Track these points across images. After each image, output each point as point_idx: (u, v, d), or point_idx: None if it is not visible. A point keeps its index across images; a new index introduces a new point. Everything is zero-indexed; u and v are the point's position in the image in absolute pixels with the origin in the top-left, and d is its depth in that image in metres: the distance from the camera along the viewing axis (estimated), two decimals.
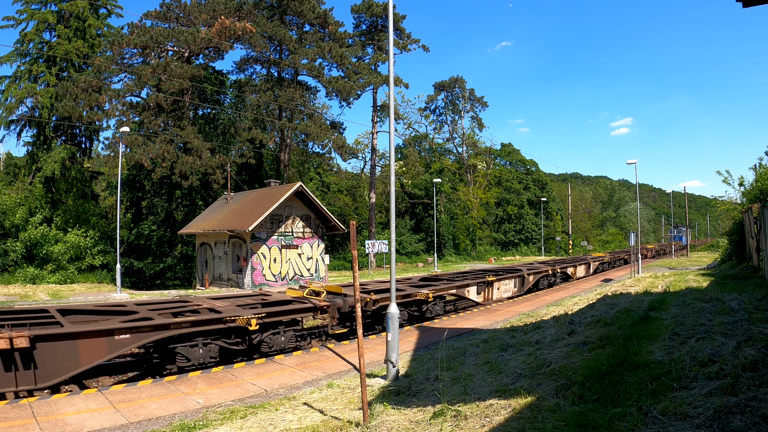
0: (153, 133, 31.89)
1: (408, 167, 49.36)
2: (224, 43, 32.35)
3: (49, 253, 28.33)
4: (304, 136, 44.59)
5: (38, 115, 32.14)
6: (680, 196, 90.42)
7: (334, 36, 38.98)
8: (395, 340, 7.71)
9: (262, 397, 7.23)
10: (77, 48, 32.89)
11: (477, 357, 8.56)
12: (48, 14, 32.95)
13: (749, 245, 18.94)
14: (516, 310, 15.35)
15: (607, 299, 12.58)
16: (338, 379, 8.14)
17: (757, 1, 3.71)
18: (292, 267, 25.24)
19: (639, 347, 6.96)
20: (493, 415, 5.36)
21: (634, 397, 5.17)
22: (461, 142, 65.25)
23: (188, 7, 33.59)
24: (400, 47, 43.80)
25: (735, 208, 24.09)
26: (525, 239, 68.01)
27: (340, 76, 39.33)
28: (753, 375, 5.02)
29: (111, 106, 30.98)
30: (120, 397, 7.08)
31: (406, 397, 6.64)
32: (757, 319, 7.39)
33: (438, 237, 49.29)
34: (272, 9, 37.81)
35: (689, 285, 14.61)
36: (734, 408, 4.36)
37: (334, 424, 5.74)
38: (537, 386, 6.15)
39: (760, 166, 20.79)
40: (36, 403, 6.74)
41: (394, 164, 8.34)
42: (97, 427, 5.98)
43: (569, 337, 8.54)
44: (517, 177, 70.06)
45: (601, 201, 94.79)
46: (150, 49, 31.69)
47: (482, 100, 65.19)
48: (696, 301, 10.13)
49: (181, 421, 6.17)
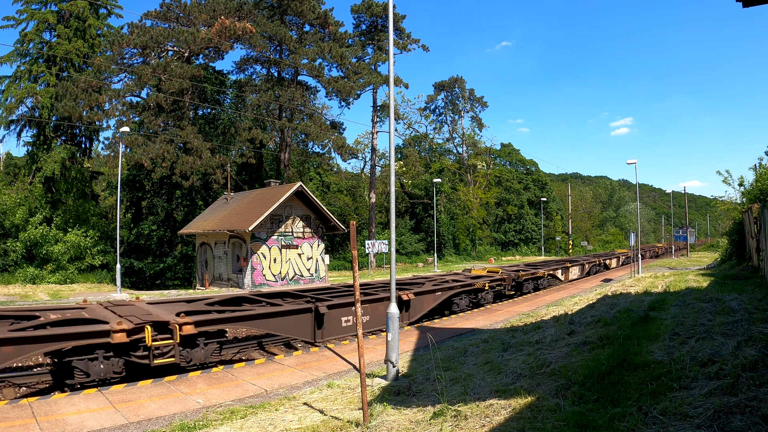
0: (153, 133, 31.90)
1: (408, 167, 49.37)
2: (224, 43, 32.35)
3: (49, 253, 28.33)
4: (304, 136, 44.61)
5: (38, 115, 32.14)
6: (680, 196, 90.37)
7: (334, 36, 39.00)
8: (395, 340, 7.71)
9: (262, 397, 7.23)
10: (77, 48, 32.89)
11: (477, 357, 8.56)
12: (48, 14, 32.95)
13: (749, 245, 18.95)
14: (516, 310, 15.35)
15: (607, 299, 12.58)
16: (338, 379, 8.14)
17: (757, 1, 3.72)
18: (292, 267, 25.25)
19: (639, 347, 6.96)
20: (493, 415, 5.36)
21: (634, 397, 5.17)
22: (461, 142, 65.28)
23: (188, 7, 33.59)
24: (400, 47, 43.81)
25: (735, 208, 24.10)
26: (525, 239, 68.02)
27: (340, 76, 39.34)
28: (753, 375, 5.02)
29: (111, 106, 30.99)
30: (120, 397, 7.08)
31: (406, 397, 6.64)
32: (757, 319, 7.39)
33: (438, 237, 49.30)
34: (272, 9, 37.82)
35: (689, 285, 14.62)
36: (734, 408, 4.36)
37: (334, 424, 5.74)
38: (537, 386, 6.15)
39: (760, 166, 20.81)
40: (36, 402, 6.74)
41: (394, 164, 8.34)
42: (97, 427, 5.98)
43: (569, 337, 8.54)
44: (517, 177, 70.07)
45: (601, 201, 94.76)
46: (150, 49, 31.70)
47: (482, 100, 65.24)
48: (696, 301, 10.13)
49: (181, 421, 6.17)
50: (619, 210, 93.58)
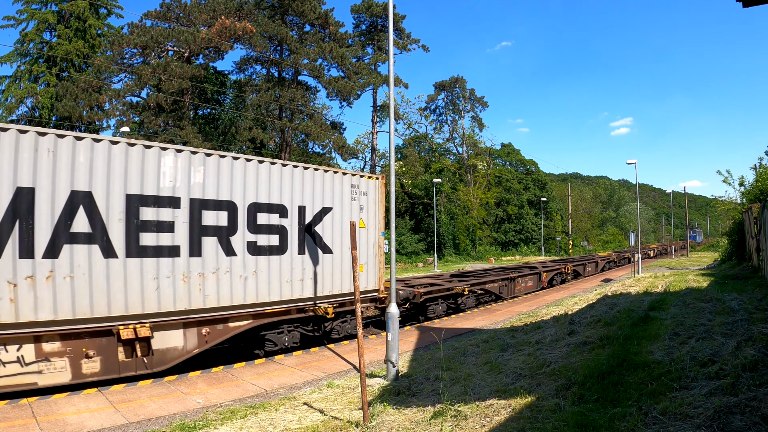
0: (153, 133, 31.89)
1: (408, 167, 49.35)
2: (224, 43, 32.36)
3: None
4: (304, 136, 44.57)
5: (38, 115, 32.15)
6: (680, 196, 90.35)
7: (335, 36, 38.99)
8: (395, 340, 7.71)
9: (262, 397, 7.23)
10: (77, 48, 32.91)
11: (477, 357, 8.56)
12: (48, 14, 32.98)
13: (749, 245, 18.94)
14: (516, 310, 15.35)
15: (607, 299, 12.58)
16: (338, 379, 8.14)
17: (757, 1, 3.71)
18: None
19: (639, 347, 6.97)
20: (493, 415, 5.36)
21: (634, 397, 5.17)
22: (461, 142, 65.25)
23: (188, 7, 33.60)
24: (400, 47, 43.82)
25: (735, 208, 24.10)
26: (525, 239, 67.99)
27: (341, 76, 39.34)
28: (753, 375, 5.02)
29: (111, 106, 31.01)
30: (120, 397, 7.08)
31: (406, 397, 6.64)
32: (757, 319, 7.39)
33: (438, 237, 49.28)
34: (273, 9, 37.82)
35: (689, 285, 14.62)
36: (734, 408, 4.36)
37: (334, 424, 5.74)
38: (537, 386, 6.15)
39: (760, 166, 20.81)
40: (36, 402, 6.74)
41: (394, 164, 8.35)
42: (97, 427, 5.98)
43: (569, 337, 8.54)
44: (516, 177, 70.05)
45: (601, 201, 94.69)
46: (150, 49, 31.70)
47: (482, 100, 65.21)
48: (696, 301, 10.13)
49: (181, 421, 6.17)
50: (619, 210, 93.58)
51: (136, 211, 7.66)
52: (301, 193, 10.04)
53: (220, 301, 8.60)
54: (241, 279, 8.92)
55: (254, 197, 9.22)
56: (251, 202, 9.16)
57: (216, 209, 8.63)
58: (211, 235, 8.54)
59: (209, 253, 8.49)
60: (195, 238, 8.31)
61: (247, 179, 9.11)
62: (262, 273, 9.25)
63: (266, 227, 9.38)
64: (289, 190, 9.81)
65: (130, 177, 7.62)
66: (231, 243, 8.80)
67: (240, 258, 8.93)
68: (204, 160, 8.53)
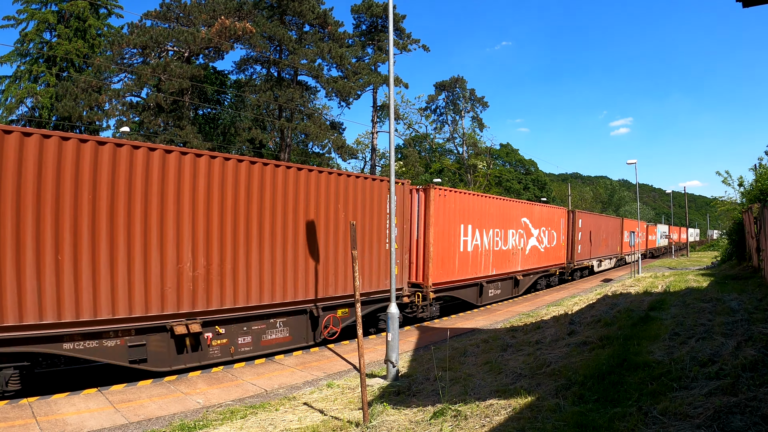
0: (153, 133, 31.88)
1: (408, 167, 49.32)
2: (224, 43, 32.34)
3: None
4: (303, 136, 44.56)
5: (38, 115, 32.14)
6: (680, 196, 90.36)
7: (334, 36, 38.97)
8: (395, 340, 7.71)
9: (262, 397, 7.23)
10: (77, 48, 32.90)
11: (477, 357, 8.56)
12: (48, 14, 32.97)
13: (749, 245, 18.94)
14: (516, 310, 15.35)
15: (607, 299, 12.58)
16: (338, 379, 8.14)
17: (757, 1, 3.71)
18: None
19: (639, 347, 6.97)
20: (493, 415, 5.36)
21: (634, 397, 5.17)
22: (462, 142, 65.26)
23: (188, 7, 33.58)
24: (400, 47, 43.80)
25: (735, 208, 24.07)
26: None
27: (340, 77, 39.32)
28: (753, 375, 5.03)
29: (111, 106, 30.99)
30: (120, 397, 7.08)
31: (406, 397, 6.64)
32: (757, 319, 7.40)
33: None
34: (272, 9, 37.80)
35: (689, 285, 14.62)
36: (734, 408, 4.36)
37: (334, 424, 5.74)
38: (537, 386, 6.15)
39: (760, 166, 20.77)
40: (36, 402, 6.74)
41: (394, 164, 8.34)
42: (97, 427, 5.98)
43: (569, 337, 8.54)
44: (516, 177, 70.07)
45: (601, 201, 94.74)
46: (150, 49, 31.68)
47: (483, 100, 65.20)
48: (696, 301, 10.13)
49: (181, 421, 6.17)
50: (619, 210, 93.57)
51: None
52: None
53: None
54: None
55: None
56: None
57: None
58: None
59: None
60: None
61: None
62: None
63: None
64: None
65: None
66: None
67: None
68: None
